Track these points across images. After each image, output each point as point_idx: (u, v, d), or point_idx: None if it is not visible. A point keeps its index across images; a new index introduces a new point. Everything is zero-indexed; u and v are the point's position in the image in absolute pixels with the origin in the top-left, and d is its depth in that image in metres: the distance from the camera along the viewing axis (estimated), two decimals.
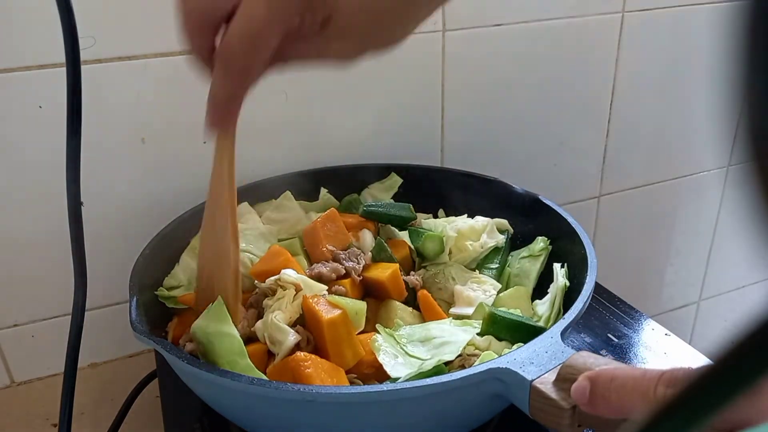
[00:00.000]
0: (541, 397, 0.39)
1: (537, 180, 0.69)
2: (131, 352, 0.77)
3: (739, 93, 0.11)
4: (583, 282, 0.52)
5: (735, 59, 0.11)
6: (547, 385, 0.40)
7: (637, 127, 0.96)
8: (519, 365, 0.41)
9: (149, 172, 0.69)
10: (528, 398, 0.40)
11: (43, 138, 0.63)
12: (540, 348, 0.43)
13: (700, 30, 0.93)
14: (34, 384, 0.73)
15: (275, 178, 0.72)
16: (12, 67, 0.60)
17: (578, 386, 0.36)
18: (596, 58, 0.89)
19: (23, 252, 0.67)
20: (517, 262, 0.63)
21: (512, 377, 0.41)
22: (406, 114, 0.80)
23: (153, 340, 0.46)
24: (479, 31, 0.79)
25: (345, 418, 0.43)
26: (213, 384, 0.44)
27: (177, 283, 0.59)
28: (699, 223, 1.11)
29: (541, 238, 0.64)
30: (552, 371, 0.40)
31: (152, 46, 0.64)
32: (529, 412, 0.41)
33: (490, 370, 0.41)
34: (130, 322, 0.48)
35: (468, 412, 0.47)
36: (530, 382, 0.40)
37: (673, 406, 0.13)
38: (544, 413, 0.39)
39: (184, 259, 0.61)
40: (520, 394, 0.41)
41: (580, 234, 0.58)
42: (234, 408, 0.48)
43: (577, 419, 0.38)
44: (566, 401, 0.38)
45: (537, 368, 0.41)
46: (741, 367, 0.12)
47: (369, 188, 0.74)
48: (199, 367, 0.43)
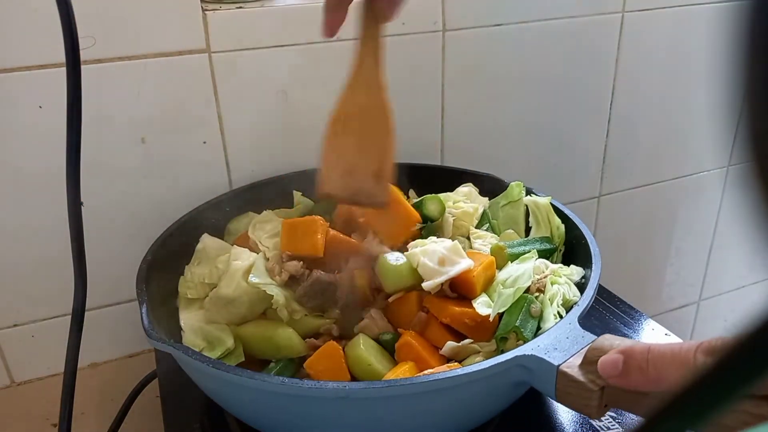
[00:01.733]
0: (569, 381, 0.40)
1: (537, 180, 0.69)
2: (131, 352, 0.77)
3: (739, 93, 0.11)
4: (589, 272, 0.54)
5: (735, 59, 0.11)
6: (573, 368, 0.41)
7: (637, 127, 0.96)
8: (544, 351, 0.42)
9: (149, 171, 0.69)
10: (554, 383, 0.41)
11: (43, 138, 0.63)
12: (561, 334, 0.44)
13: (700, 30, 0.93)
14: (34, 384, 0.73)
15: (276, 179, 0.72)
16: (12, 67, 0.60)
17: (609, 359, 0.37)
18: (596, 58, 0.89)
19: (23, 252, 0.67)
20: (501, 211, 0.67)
21: (538, 364, 0.42)
22: (406, 114, 0.80)
23: (172, 346, 0.46)
24: (479, 31, 0.79)
25: (367, 412, 0.44)
26: (229, 383, 0.44)
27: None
28: (699, 223, 1.11)
29: (515, 183, 0.67)
30: (576, 355, 0.42)
31: (152, 46, 0.64)
32: (555, 397, 0.42)
33: (516, 358, 0.42)
34: (144, 330, 0.48)
35: (487, 401, 0.48)
36: (557, 366, 0.41)
37: (713, 373, 0.13)
38: (572, 396, 0.40)
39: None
40: (546, 380, 0.42)
41: (579, 227, 0.60)
42: (254, 409, 0.48)
43: (605, 400, 0.40)
44: (594, 383, 0.39)
45: (561, 353, 0.42)
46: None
47: None
48: (224, 369, 0.43)
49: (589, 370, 0.40)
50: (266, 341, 0.55)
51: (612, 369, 0.37)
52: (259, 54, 0.69)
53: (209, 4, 0.67)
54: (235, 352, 0.54)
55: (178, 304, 0.59)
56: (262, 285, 0.55)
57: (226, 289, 0.55)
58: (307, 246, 0.57)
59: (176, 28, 0.65)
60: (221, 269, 0.58)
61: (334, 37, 0.50)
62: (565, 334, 0.44)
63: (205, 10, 0.66)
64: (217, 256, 0.60)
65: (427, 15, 0.75)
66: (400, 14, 0.48)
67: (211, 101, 0.69)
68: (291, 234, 0.59)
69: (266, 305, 0.56)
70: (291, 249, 0.58)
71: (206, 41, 0.66)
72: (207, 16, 0.66)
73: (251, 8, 0.67)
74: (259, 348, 0.55)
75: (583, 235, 0.59)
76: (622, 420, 0.53)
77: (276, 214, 0.66)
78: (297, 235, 0.58)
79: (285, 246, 0.58)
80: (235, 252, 0.59)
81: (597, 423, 0.53)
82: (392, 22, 0.49)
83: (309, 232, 0.58)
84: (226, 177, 0.73)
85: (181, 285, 0.59)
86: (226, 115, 0.70)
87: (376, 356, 0.52)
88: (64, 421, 0.56)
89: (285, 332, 0.54)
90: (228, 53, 0.68)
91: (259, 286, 0.54)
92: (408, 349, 0.52)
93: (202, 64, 0.67)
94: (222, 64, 0.68)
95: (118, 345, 0.76)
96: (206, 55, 0.67)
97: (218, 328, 0.55)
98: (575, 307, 0.49)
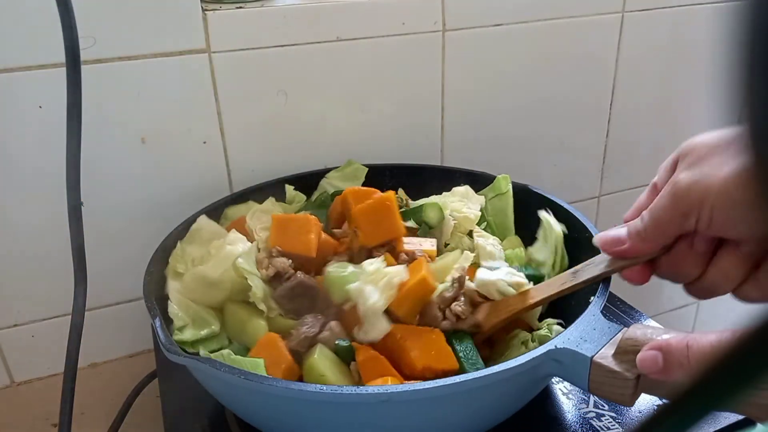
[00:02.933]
0: (604, 371, 0.41)
1: (537, 180, 0.69)
2: (131, 352, 0.77)
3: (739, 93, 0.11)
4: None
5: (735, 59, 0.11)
6: (607, 359, 0.41)
7: (637, 127, 0.96)
8: (575, 344, 0.43)
9: (149, 171, 0.69)
10: (588, 374, 0.42)
11: (43, 138, 0.63)
12: (587, 326, 0.44)
13: (700, 30, 0.93)
14: (34, 384, 0.73)
15: (278, 180, 0.72)
16: (12, 67, 0.60)
17: (648, 356, 0.38)
18: (596, 58, 0.89)
19: (23, 252, 0.67)
20: (489, 204, 0.68)
21: (571, 356, 0.42)
22: (406, 114, 0.80)
23: (192, 359, 0.45)
24: (479, 31, 0.79)
25: (406, 416, 0.43)
26: (250, 391, 0.44)
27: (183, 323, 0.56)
28: None
29: (501, 176, 0.68)
30: (607, 346, 0.42)
31: (152, 46, 0.64)
32: (588, 388, 0.42)
33: (548, 352, 0.42)
34: (161, 344, 0.47)
35: (511, 399, 0.48)
36: (591, 358, 0.41)
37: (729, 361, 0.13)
38: (607, 386, 0.41)
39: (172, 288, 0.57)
40: (579, 372, 0.42)
41: (581, 220, 0.61)
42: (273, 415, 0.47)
43: (640, 388, 0.40)
44: (630, 372, 0.39)
45: (592, 345, 0.42)
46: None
47: (327, 177, 0.72)
48: (242, 376, 0.42)
49: (624, 360, 0.40)
50: (239, 324, 0.54)
51: (652, 365, 0.38)
52: (259, 54, 0.69)
53: (209, 4, 0.67)
54: (219, 337, 0.54)
55: (167, 273, 0.57)
56: (246, 272, 0.54)
57: (212, 271, 0.54)
58: (298, 244, 0.56)
59: (176, 28, 0.65)
60: (213, 254, 0.57)
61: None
62: (592, 325, 0.44)
63: (205, 10, 0.66)
64: (211, 239, 0.59)
65: (427, 15, 0.75)
66: None
67: (211, 101, 0.69)
68: (281, 229, 0.57)
69: (245, 295, 0.55)
70: (280, 245, 0.56)
71: (206, 41, 0.66)
72: (207, 16, 0.66)
73: (251, 8, 0.67)
74: (232, 330, 0.55)
75: (585, 227, 0.59)
76: (622, 420, 0.53)
77: (281, 206, 0.67)
78: (288, 232, 0.57)
79: (274, 241, 0.57)
80: (231, 237, 0.57)
81: (597, 423, 0.53)
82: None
83: (302, 231, 0.57)
84: (226, 177, 0.73)
85: (172, 257, 0.58)
86: (226, 115, 0.70)
87: (331, 368, 0.49)
88: (64, 421, 0.56)
89: (257, 323, 0.53)
90: (228, 53, 0.68)
91: (243, 272, 0.53)
92: (374, 363, 0.49)
93: (202, 64, 0.67)
94: (222, 64, 0.68)
95: (118, 345, 0.76)
96: (206, 55, 0.67)
97: (204, 309, 0.55)
98: (596, 299, 0.48)
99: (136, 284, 0.71)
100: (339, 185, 0.71)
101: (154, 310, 0.51)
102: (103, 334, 0.74)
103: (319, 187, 0.72)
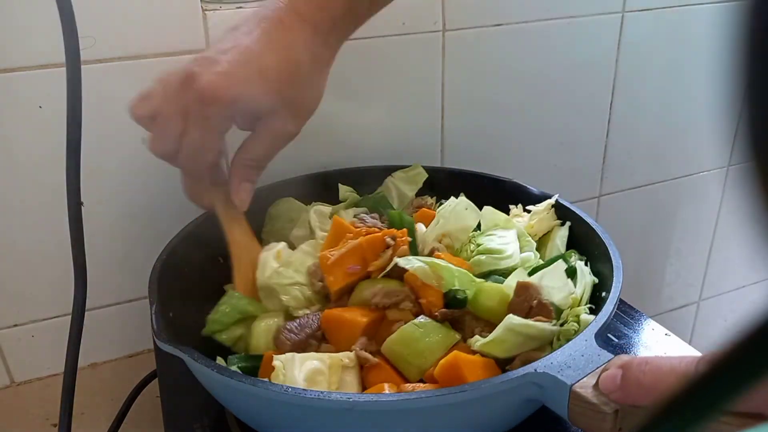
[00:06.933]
0: (582, 402, 0.39)
1: (537, 180, 0.69)
2: (131, 352, 0.77)
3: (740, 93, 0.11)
4: (609, 283, 0.54)
5: (735, 59, 0.11)
6: (587, 389, 0.39)
7: (637, 127, 0.96)
8: (557, 369, 0.41)
9: (149, 171, 0.69)
10: (567, 403, 0.40)
11: (43, 138, 0.63)
12: (575, 351, 0.42)
13: (700, 30, 0.93)
14: (34, 384, 0.73)
15: (279, 183, 0.71)
16: (12, 67, 0.60)
17: (608, 375, 0.36)
18: (596, 58, 0.89)
19: (23, 252, 0.67)
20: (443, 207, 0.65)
21: (550, 381, 0.40)
22: (406, 114, 0.80)
23: (181, 350, 0.45)
24: (479, 31, 0.79)
25: (375, 426, 0.43)
26: (241, 392, 0.44)
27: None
28: (699, 223, 1.11)
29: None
30: (590, 375, 0.40)
31: (152, 46, 0.64)
32: (567, 417, 0.40)
33: (527, 375, 0.41)
34: (153, 332, 0.47)
35: (498, 417, 0.46)
36: (570, 386, 0.39)
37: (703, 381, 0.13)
38: (585, 417, 0.39)
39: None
40: (558, 399, 0.40)
41: (601, 236, 0.63)
42: (264, 415, 0.48)
43: (619, 423, 0.38)
44: (608, 405, 0.37)
45: (575, 372, 0.40)
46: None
47: (392, 177, 0.73)
48: (231, 376, 0.43)
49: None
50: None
51: (611, 384, 0.36)
52: None
53: (209, 4, 0.67)
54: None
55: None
56: (285, 280, 0.55)
57: (261, 277, 0.57)
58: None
59: (176, 28, 0.65)
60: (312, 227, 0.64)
61: None
62: (581, 351, 0.42)
63: (205, 10, 0.66)
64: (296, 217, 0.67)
65: (427, 15, 0.75)
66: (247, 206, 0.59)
67: None
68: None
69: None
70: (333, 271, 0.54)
71: (206, 41, 0.66)
72: (207, 16, 0.66)
73: (251, 8, 0.67)
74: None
75: (603, 243, 0.60)
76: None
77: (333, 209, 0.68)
78: (347, 263, 0.54)
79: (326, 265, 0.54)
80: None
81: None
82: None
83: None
84: (225, 177, 0.73)
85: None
86: None
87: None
88: (64, 421, 0.56)
89: (264, 325, 0.54)
90: None
91: (280, 279, 0.55)
92: (378, 371, 0.49)
93: None
94: None
95: (118, 345, 0.76)
96: None
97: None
98: (592, 324, 0.46)
99: (136, 284, 0.72)
100: (401, 186, 0.72)
101: (153, 296, 0.51)
102: (103, 334, 0.74)
103: (384, 185, 0.72)
